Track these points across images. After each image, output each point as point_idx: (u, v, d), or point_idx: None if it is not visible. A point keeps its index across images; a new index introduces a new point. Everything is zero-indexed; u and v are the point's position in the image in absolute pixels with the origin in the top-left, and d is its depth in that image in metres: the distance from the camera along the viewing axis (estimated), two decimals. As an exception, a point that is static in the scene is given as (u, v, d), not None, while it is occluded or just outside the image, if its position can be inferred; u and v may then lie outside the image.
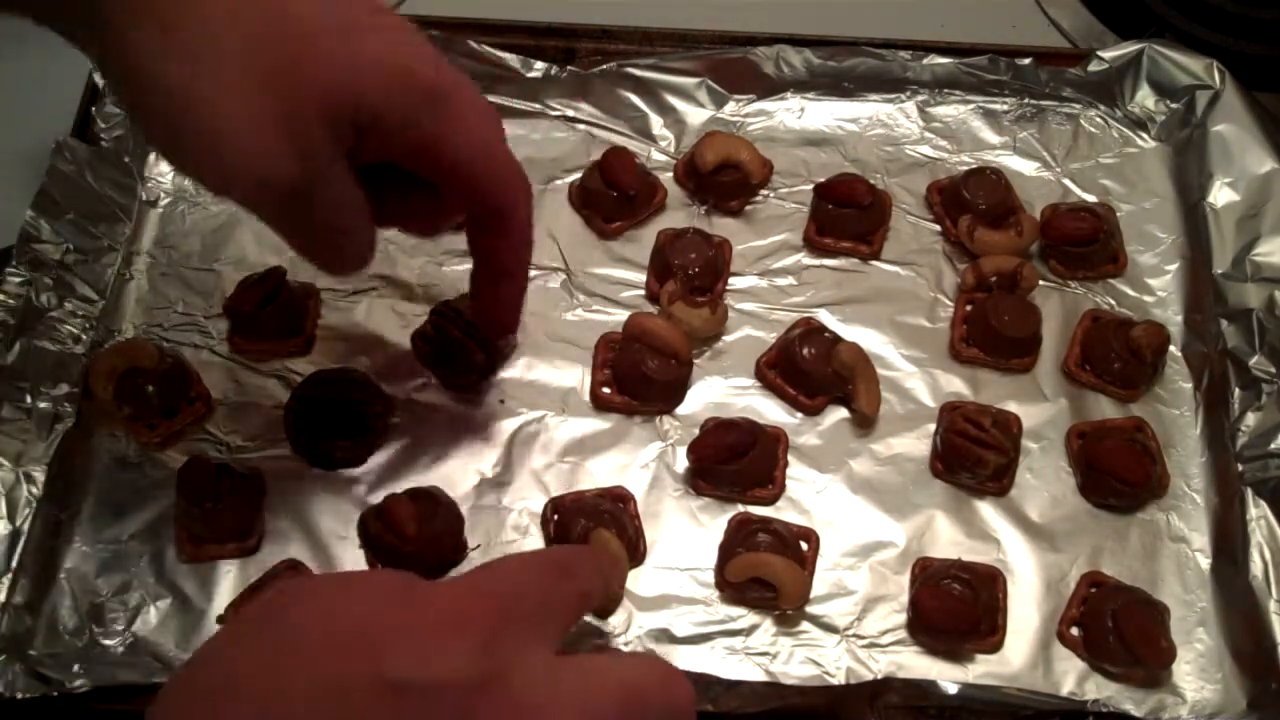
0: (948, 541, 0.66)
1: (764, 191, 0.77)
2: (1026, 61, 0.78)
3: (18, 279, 0.69)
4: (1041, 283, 0.73)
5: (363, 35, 0.50)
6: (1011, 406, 0.70)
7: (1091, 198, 0.77)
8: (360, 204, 0.53)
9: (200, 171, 0.52)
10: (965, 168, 0.77)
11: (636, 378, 0.68)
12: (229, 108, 0.46)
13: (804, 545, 0.65)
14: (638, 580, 0.64)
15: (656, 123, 0.79)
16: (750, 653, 0.63)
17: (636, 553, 0.65)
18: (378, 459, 0.68)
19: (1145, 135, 0.79)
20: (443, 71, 0.52)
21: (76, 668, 0.60)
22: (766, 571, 0.62)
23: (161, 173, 0.76)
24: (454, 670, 0.41)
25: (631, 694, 0.44)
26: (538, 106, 0.79)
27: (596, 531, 0.63)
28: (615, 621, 0.63)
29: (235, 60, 0.46)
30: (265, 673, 0.41)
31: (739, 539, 0.64)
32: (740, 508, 0.67)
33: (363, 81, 0.49)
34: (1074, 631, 0.64)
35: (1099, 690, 0.62)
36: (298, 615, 0.43)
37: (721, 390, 0.71)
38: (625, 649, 0.63)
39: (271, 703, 0.40)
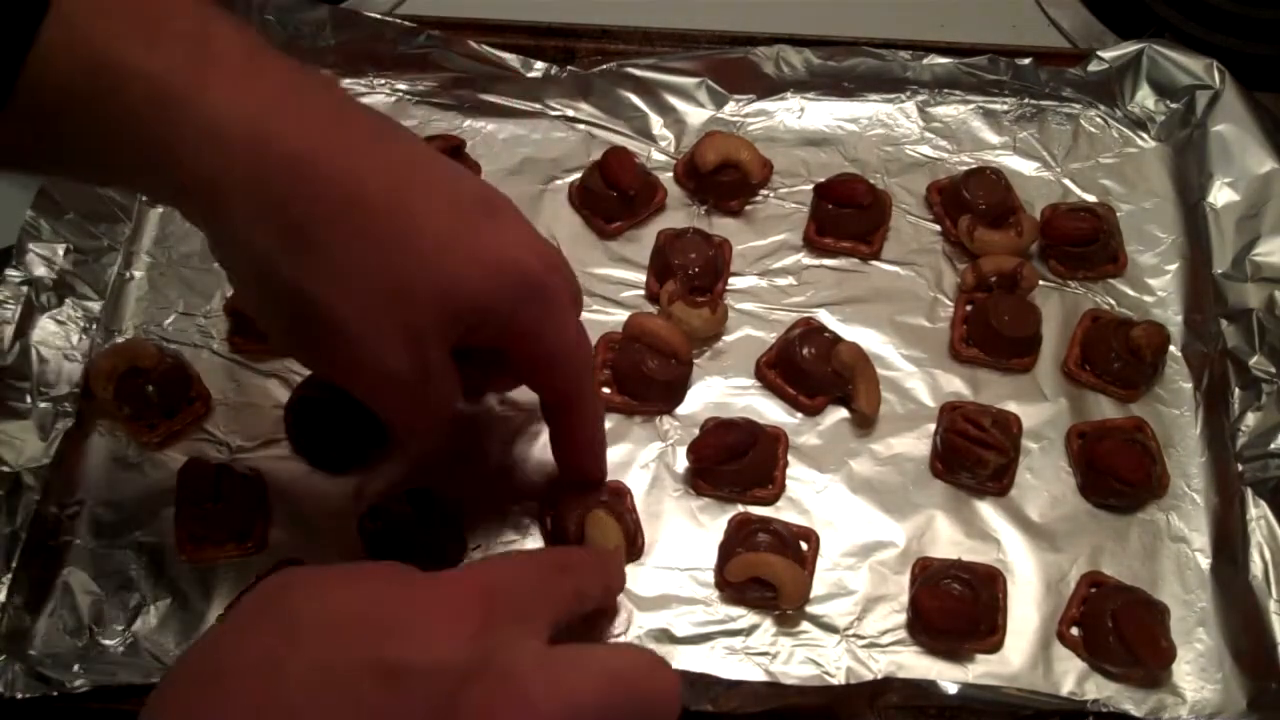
0: (948, 541, 0.66)
1: (764, 191, 0.77)
2: (1026, 61, 0.78)
3: (18, 279, 0.69)
4: (1041, 283, 0.73)
5: (477, 233, 0.51)
6: (1011, 406, 0.70)
7: (1091, 198, 0.77)
8: (456, 387, 0.55)
9: (315, 365, 0.56)
10: (965, 168, 0.76)
11: (636, 378, 0.68)
12: (351, 316, 0.48)
13: (804, 545, 0.65)
14: (637, 580, 0.64)
15: (656, 123, 0.79)
16: (750, 653, 0.63)
17: (634, 546, 0.65)
18: (378, 459, 0.68)
19: (1145, 135, 0.79)
20: (540, 254, 0.53)
21: (76, 668, 0.60)
22: (766, 571, 0.62)
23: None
24: (448, 656, 0.42)
25: (616, 682, 0.46)
26: (538, 106, 0.79)
27: (593, 513, 0.63)
28: (615, 621, 0.63)
29: (361, 275, 0.48)
30: (265, 658, 0.41)
31: (739, 539, 0.64)
32: (740, 508, 0.67)
33: (476, 283, 0.50)
34: (1074, 631, 0.64)
35: (1099, 690, 0.62)
36: (297, 602, 0.44)
37: (721, 390, 0.71)
38: (625, 649, 0.63)
39: (271, 687, 0.40)
